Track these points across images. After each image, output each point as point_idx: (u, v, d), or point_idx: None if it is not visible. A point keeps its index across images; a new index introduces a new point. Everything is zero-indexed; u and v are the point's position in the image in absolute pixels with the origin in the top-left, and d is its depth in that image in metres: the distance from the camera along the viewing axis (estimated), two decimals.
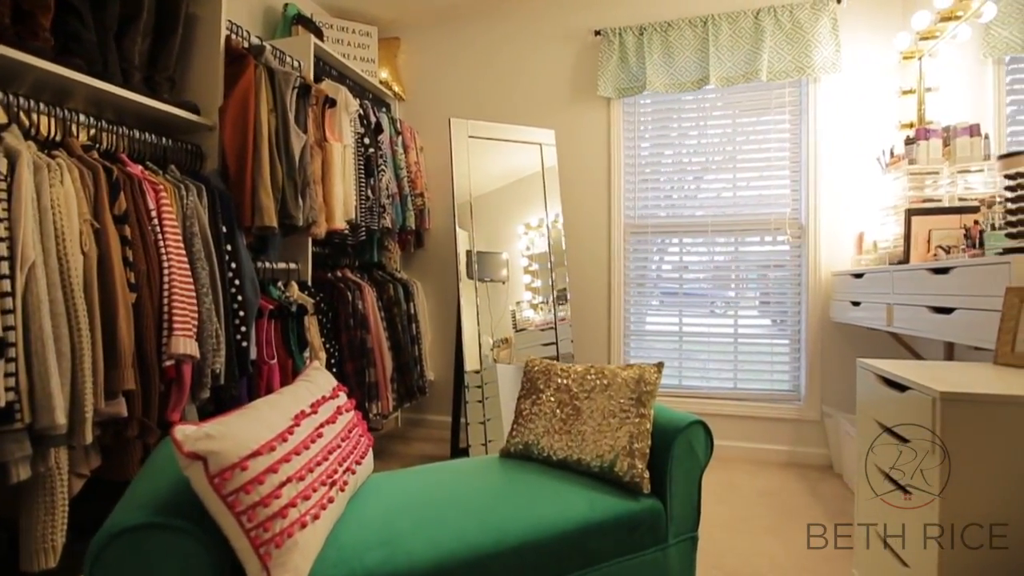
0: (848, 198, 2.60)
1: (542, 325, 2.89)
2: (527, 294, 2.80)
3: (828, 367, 2.64)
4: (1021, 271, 1.30)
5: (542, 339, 2.89)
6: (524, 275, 2.81)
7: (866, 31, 2.55)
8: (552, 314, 2.88)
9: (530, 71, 3.01)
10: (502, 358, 2.75)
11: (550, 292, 2.82)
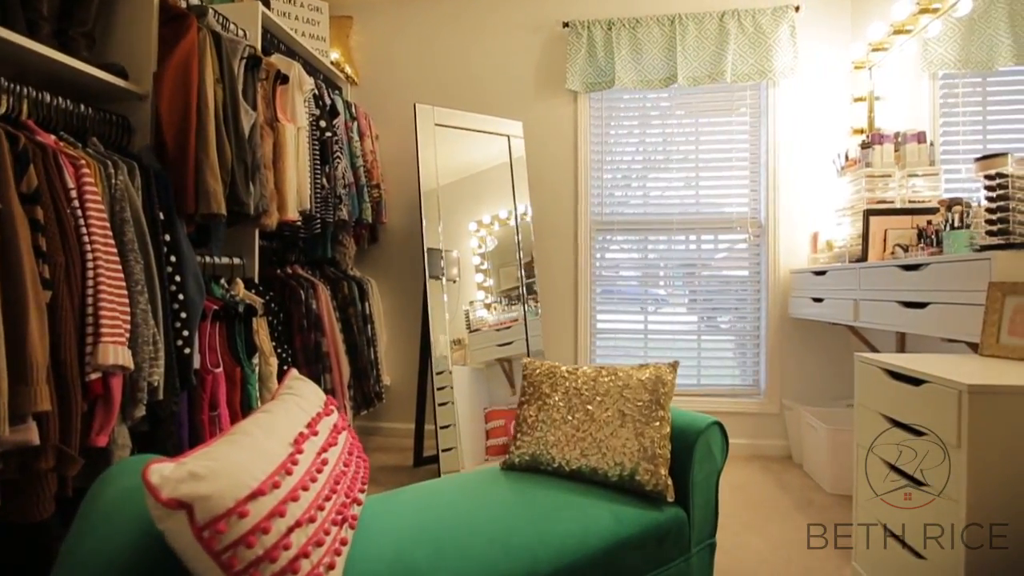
0: (804, 199, 2.71)
1: (497, 325, 2.77)
2: (480, 293, 2.67)
3: (787, 362, 2.73)
4: (1002, 267, 1.37)
5: (497, 339, 2.77)
6: (476, 274, 2.68)
7: (820, 41, 2.67)
8: (520, 311, 2.77)
9: (496, 60, 2.89)
10: (456, 360, 2.61)
11: (519, 288, 2.71)
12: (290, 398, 0.92)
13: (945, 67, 2.33)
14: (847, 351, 2.71)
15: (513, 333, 2.76)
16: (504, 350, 2.76)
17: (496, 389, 2.69)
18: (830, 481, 2.28)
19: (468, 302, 2.67)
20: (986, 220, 1.44)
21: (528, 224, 2.72)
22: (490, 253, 2.69)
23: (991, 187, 1.42)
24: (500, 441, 2.63)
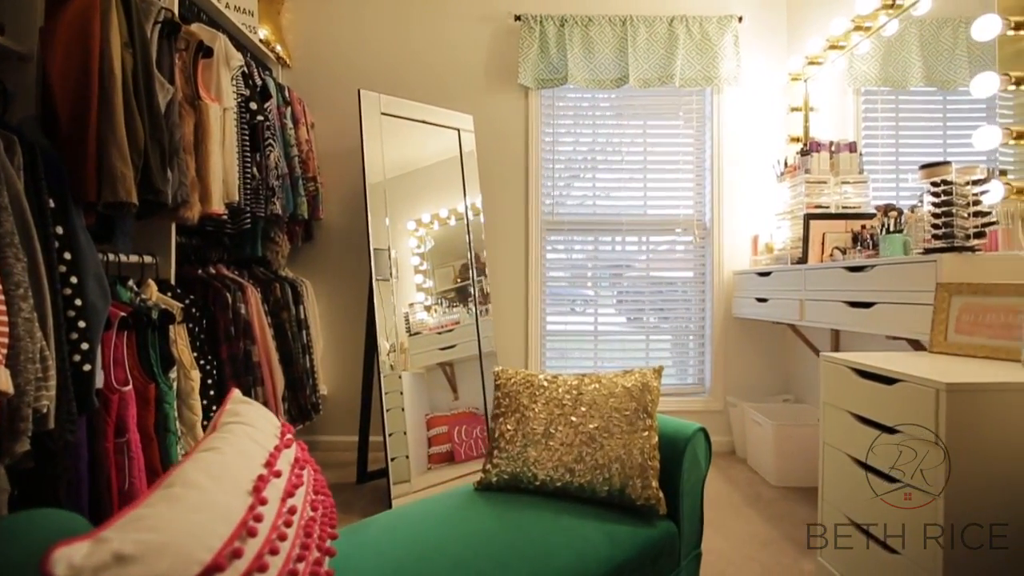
0: (745, 202, 2.81)
1: (438, 328, 2.63)
2: (419, 295, 2.52)
3: (730, 360, 2.82)
4: (947, 268, 1.44)
5: (439, 343, 2.64)
6: (415, 275, 2.53)
7: (761, 52, 2.78)
8: (463, 313, 2.64)
9: (445, 49, 2.74)
10: (397, 365, 2.44)
11: (470, 288, 2.58)
12: (239, 428, 0.74)
13: (867, 83, 2.49)
14: (785, 349, 2.85)
15: (456, 336, 2.63)
16: (446, 354, 2.62)
17: (437, 395, 2.55)
18: (775, 475, 2.36)
19: (408, 304, 2.50)
20: (932, 224, 1.52)
21: (479, 222, 2.60)
22: (435, 252, 2.54)
23: (936, 193, 1.50)
24: (443, 448, 2.49)
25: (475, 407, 2.62)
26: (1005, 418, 1.05)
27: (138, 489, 1.46)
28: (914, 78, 2.38)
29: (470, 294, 2.57)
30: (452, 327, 2.63)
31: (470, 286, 2.58)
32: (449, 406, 2.56)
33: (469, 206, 2.56)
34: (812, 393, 2.67)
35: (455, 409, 2.58)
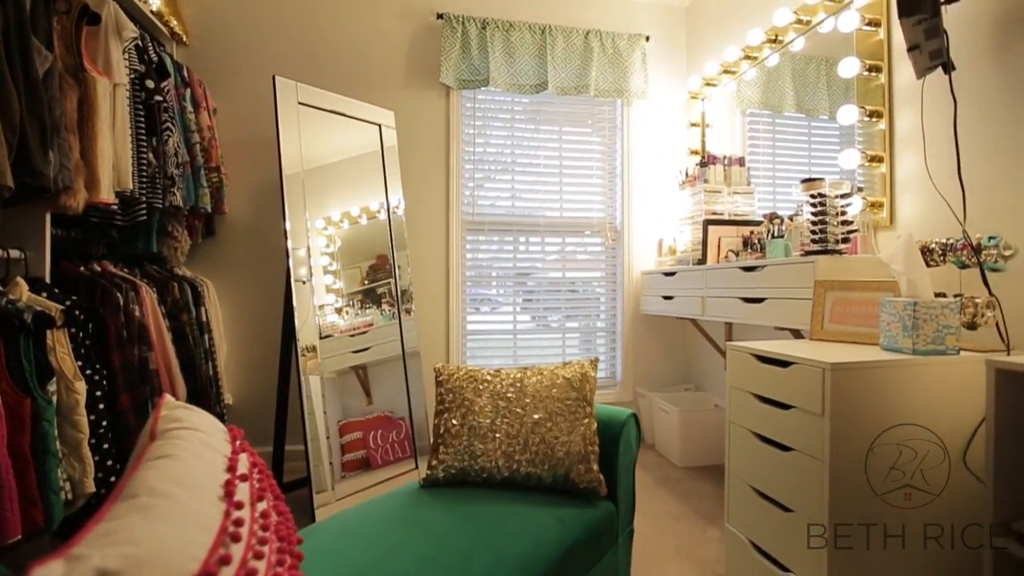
0: (651, 208, 3.05)
1: (350, 330, 2.56)
2: (329, 296, 2.44)
3: (639, 354, 3.04)
4: (822, 268, 1.70)
5: (352, 345, 2.56)
6: (325, 275, 2.44)
7: (665, 71, 3.04)
8: (375, 314, 2.58)
9: (365, 41, 2.65)
10: (310, 369, 2.34)
11: (392, 287, 2.52)
12: (187, 434, 0.68)
13: (752, 106, 2.83)
14: (687, 342, 3.13)
15: (369, 338, 2.56)
16: (359, 357, 2.54)
17: (349, 400, 2.47)
18: (679, 457, 2.59)
19: (319, 305, 2.40)
20: (810, 231, 1.77)
21: (401, 221, 2.55)
22: (349, 251, 2.46)
23: (814, 204, 1.75)
24: (358, 455, 2.41)
25: (390, 410, 2.56)
26: (870, 390, 1.27)
27: (11, 523, 1.25)
28: (787, 104, 2.74)
29: (386, 294, 2.52)
30: (365, 329, 2.55)
31: (386, 286, 2.52)
32: (363, 411, 2.48)
33: (391, 203, 2.50)
34: (710, 381, 2.97)
35: (369, 414, 2.50)
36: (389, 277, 2.57)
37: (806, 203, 1.80)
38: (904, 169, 1.80)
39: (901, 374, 1.29)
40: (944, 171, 1.58)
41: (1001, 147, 1.48)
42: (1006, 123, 1.47)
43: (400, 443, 2.53)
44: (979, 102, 1.53)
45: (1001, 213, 1.46)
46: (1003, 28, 1.47)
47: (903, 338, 1.35)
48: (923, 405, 1.30)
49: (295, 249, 2.12)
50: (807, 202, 1.79)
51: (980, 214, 1.49)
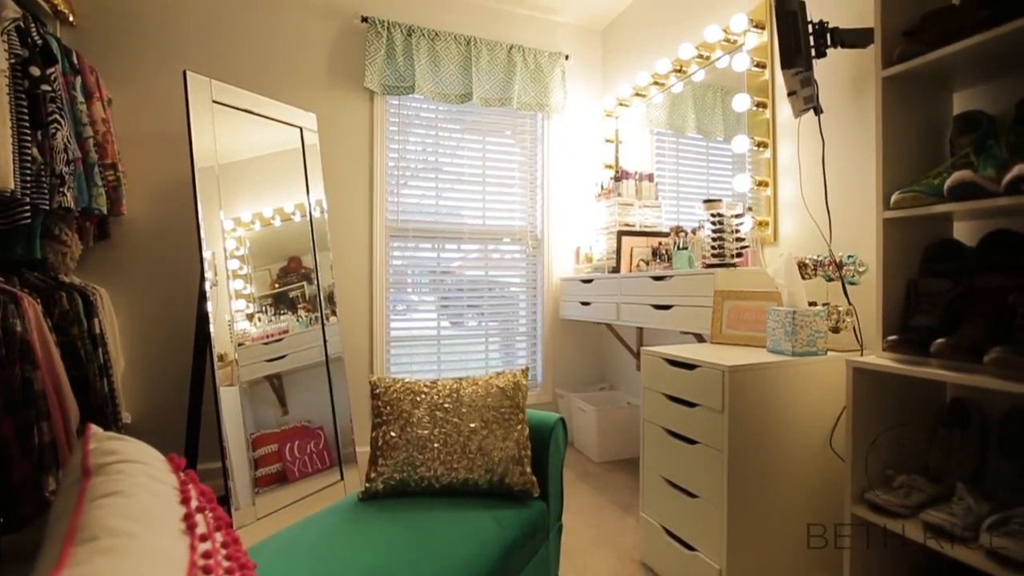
0: (569, 218, 3.21)
1: (263, 338, 2.47)
2: (239, 302, 2.34)
3: (558, 356, 3.19)
4: (721, 279, 1.92)
5: (266, 353, 2.48)
6: (235, 280, 2.34)
7: (583, 89, 3.22)
8: (304, 320, 2.50)
9: (286, 40, 2.54)
10: (222, 379, 2.24)
11: (308, 291, 2.45)
12: (130, 467, 0.65)
13: (658, 127, 3.09)
14: (602, 344, 3.33)
15: (285, 346, 2.48)
16: (274, 365, 2.45)
17: (262, 411, 2.37)
18: (597, 453, 2.77)
19: (231, 312, 2.28)
20: (711, 246, 1.99)
21: (323, 226, 2.48)
22: (264, 255, 2.35)
23: (714, 222, 1.98)
24: (273, 469, 2.33)
25: (307, 420, 2.49)
26: (760, 388, 1.47)
27: None
28: (689, 127, 3.02)
29: (300, 298, 2.44)
30: (280, 336, 2.45)
31: (299, 289, 2.44)
32: (278, 422, 2.39)
33: (312, 206, 2.42)
34: (623, 381, 3.19)
35: (284, 425, 2.42)
36: (303, 280, 2.48)
37: (707, 221, 2.02)
38: (785, 193, 2.08)
39: (784, 373, 1.50)
40: (816, 197, 1.86)
41: (856, 180, 1.77)
42: (860, 160, 1.76)
43: (319, 454, 2.46)
44: (842, 140, 1.82)
45: (857, 235, 1.75)
46: (857, 83, 1.76)
47: (785, 341, 1.58)
48: (801, 398, 1.53)
49: (209, 251, 1.99)
50: (708, 220, 2.01)
51: (842, 235, 1.78)
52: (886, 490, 1.32)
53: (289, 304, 2.43)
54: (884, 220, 1.33)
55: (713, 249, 1.99)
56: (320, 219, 2.45)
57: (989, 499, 1.21)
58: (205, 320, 1.96)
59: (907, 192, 1.26)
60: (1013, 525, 1.10)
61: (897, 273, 1.35)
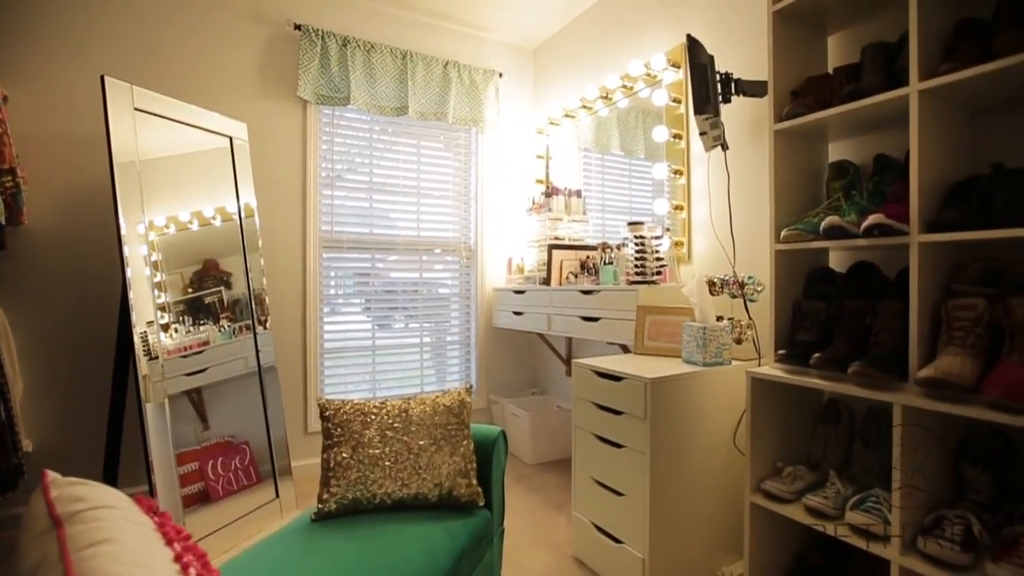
0: (501, 229, 3.34)
1: (180, 350, 2.39)
2: (157, 312, 2.24)
3: (491, 363, 3.30)
4: (643, 295, 2.12)
5: (185, 367, 2.39)
6: (153, 289, 2.24)
7: (516, 106, 3.35)
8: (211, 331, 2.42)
9: (213, 44, 2.43)
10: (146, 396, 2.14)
11: (246, 299, 2.38)
12: (107, 513, 0.67)
13: (586, 145, 3.30)
14: (532, 351, 3.49)
15: (207, 358, 2.40)
16: (195, 379, 2.37)
17: (182, 427, 2.29)
18: (530, 455, 2.91)
19: (145, 323, 2.18)
20: (634, 264, 2.19)
21: (256, 239, 2.42)
22: (182, 263, 2.26)
23: (637, 243, 2.18)
24: (195, 488, 2.26)
25: (231, 435, 2.42)
26: (677, 396, 1.67)
27: None
28: (613, 145, 3.25)
29: (225, 307, 2.36)
30: (200, 348, 2.37)
31: (224, 296, 2.37)
32: (198, 438, 2.31)
33: (243, 211, 2.35)
34: (552, 385, 3.36)
35: (206, 441, 2.34)
36: (219, 285, 2.40)
37: (632, 241, 2.22)
38: (697, 216, 2.32)
39: (697, 382, 1.71)
40: (723, 222, 2.11)
41: (755, 209, 2.04)
42: (756, 192, 2.03)
43: (244, 470, 2.40)
44: (744, 173, 2.08)
45: (756, 257, 2.01)
46: (755, 127, 2.03)
47: (697, 353, 1.80)
48: (710, 403, 1.74)
49: (129, 258, 1.89)
50: (632, 240, 2.21)
51: (744, 257, 2.03)
52: (777, 479, 1.55)
53: (208, 313, 2.34)
54: (776, 251, 1.57)
55: (636, 267, 2.19)
56: (250, 222, 2.37)
57: (854, 482, 1.48)
58: (127, 331, 1.86)
59: (792, 230, 1.50)
60: (869, 503, 1.36)
61: (786, 295, 1.59)
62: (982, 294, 1.22)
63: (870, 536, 1.29)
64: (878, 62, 1.41)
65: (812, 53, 1.68)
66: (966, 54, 1.20)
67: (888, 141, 1.58)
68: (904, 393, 1.24)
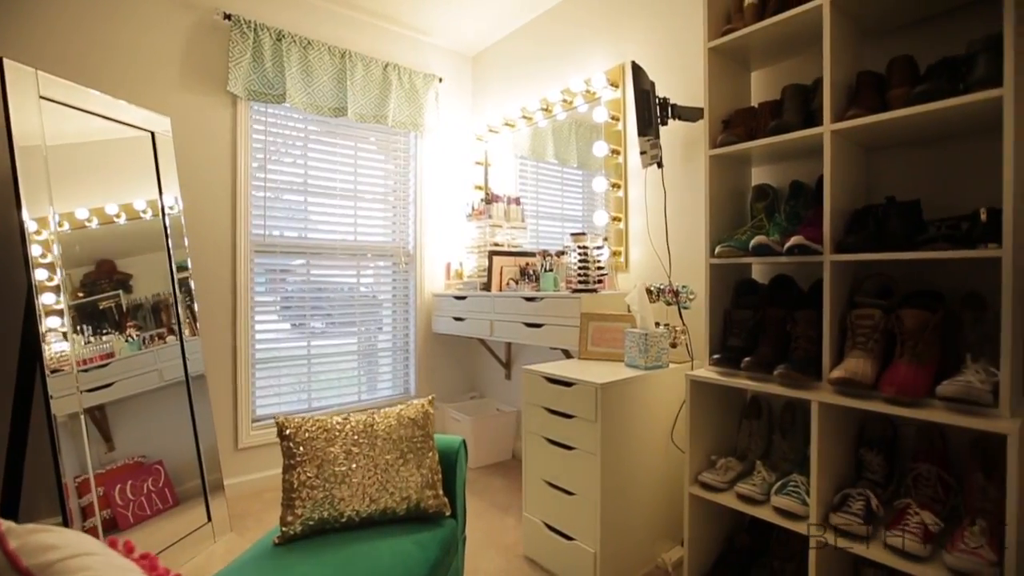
0: (440, 235, 3.33)
1: (81, 363, 2.18)
2: (52, 320, 2.02)
3: (431, 369, 3.29)
4: (586, 303, 2.23)
5: (87, 382, 2.18)
6: (45, 294, 2.02)
7: (456, 111, 3.35)
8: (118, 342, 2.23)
9: (132, 29, 2.20)
10: None
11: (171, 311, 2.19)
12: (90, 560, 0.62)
13: (522, 153, 3.39)
14: (471, 355, 3.51)
15: (111, 372, 2.20)
16: (96, 396, 2.16)
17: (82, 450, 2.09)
18: (472, 459, 2.94)
19: (47, 329, 1.96)
20: (577, 273, 2.30)
21: (180, 238, 2.23)
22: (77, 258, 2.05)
23: (580, 252, 2.29)
24: (103, 515, 2.07)
25: (142, 455, 2.24)
26: (624, 399, 1.79)
27: None
28: (548, 154, 3.36)
29: (123, 313, 2.17)
30: (104, 362, 2.16)
31: (123, 302, 2.17)
32: (101, 461, 2.11)
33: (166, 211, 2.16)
34: (491, 389, 3.41)
35: (111, 464, 2.15)
36: (118, 288, 2.20)
37: (575, 250, 2.33)
38: (634, 227, 2.48)
39: (641, 384, 1.85)
40: (659, 234, 2.27)
41: (686, 222, 2.22)
42: (687, 206, 2.22)
43: (159, 492, 2.22)
44: (676, 189, 2.26)
45: (687, 267, 2.20)
46: (688, 148, 2.22)
47: (639, 358, 1.93)
48: (652, 404, 1.89)
49: (39, 259, 1.69)
50: (576, 250, 2.32)
51: (678, 267, 2.21)
52: (712, 471, 1.72)
53: (110, 322, 2.13)
54: (710, 265, 1.74)
55: (579, 276, 2.30)
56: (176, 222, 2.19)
57: (776, 470, 1.67)
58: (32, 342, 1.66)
59: (726, 246, 1.67)
60: (790, 487, 1.55)
61: (718, 304, 1.77)
62: (878, 305, 1.45)
63: (792, 516, 1.47)
64: (796, 101, 1.61)
65: (739, 86, 1.87)
66: (868, 102, 1.41)
67: (801, 168, 1.81)
68: (819, 391, 1.44)
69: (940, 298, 1.43)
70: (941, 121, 1.34)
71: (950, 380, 1.23)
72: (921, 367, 1.32)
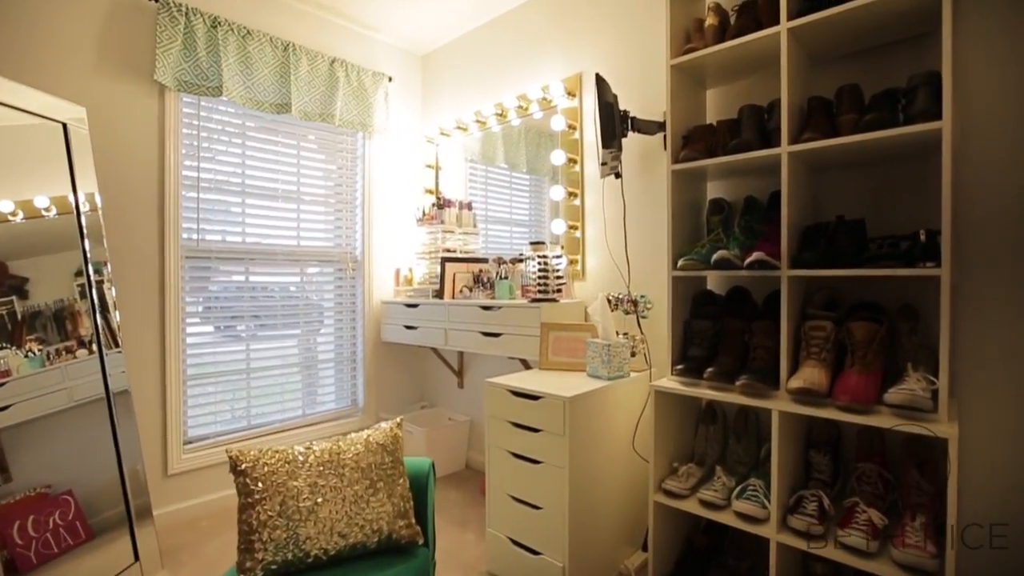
0: (389, 240, 3.21)
1: None
2: None
3: (380, 379, 3.16)
4: (546, 312, 2.23)
5: None
6: None
7: (406, 113, 3.23)
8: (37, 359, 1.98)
9: (47, 12, 1.92)
10: None
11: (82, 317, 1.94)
12: None
13: (473, 157, 3.34)
14: (421, 364, 3.41)
15: (7, 393, 1.93)
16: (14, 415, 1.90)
17: None
18: None
19: None
20: (536, 283, 2.29)
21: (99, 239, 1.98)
22: None
23: (540, 262, 2.27)
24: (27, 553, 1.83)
25: (47, 485, 1.99)
26: (591, 410, 1.80)
27: None
28: (498, 159, 3.33)
29: (33, 328, 1.92)
30: (3, 380, 1.90)
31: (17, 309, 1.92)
32: None
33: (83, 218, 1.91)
34: (443, 398, 3.33)
35: (8, 497, 1.90)
36: (11, 294, 1.94)
37: (535, 259, 2.31)
38: (591, 235, 2.51)
39: (605, 395, 1.86)
40: (618, 243, 2.31)
41: (643, 232, 2.27)
42: (645, 216, 2.27)
43: (68, 527, 1.97)
44: (637, 201, 2.30)
45: (644, 277, 2.24)
46: (645, 159, 2.27)
47: (602, 368, 1.95)
48: (615, 414, 1.91)
49: None
50: (536, 259, 2.31)
51: (636, 277, 2.25)
52: (674, 478, 1.76)
53: (4, 334, 1.87)
54: (673, 277, 1.78)
55: (539, 285, 2.29)
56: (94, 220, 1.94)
57: (733, 473, 1.74)
58: None
59: (688, 259, 1.71)
60: (748, 492, 1.62)
61: (679, 316, 1.81)
62: (829, 317, 1.54)
63: (752, 520, 1.53)
64: (753, 121, 1.68)
65: (696, 103, 1.93)
66: (820, 126, 1.50)
67: (753, 184, 1.90)
68: (779, 400, 1.51)
69: (881, 310, 1.54)
70: (883, 146, 1.45)
71: (896, 388, 1.33)
72: (870, 376, 1.41)
